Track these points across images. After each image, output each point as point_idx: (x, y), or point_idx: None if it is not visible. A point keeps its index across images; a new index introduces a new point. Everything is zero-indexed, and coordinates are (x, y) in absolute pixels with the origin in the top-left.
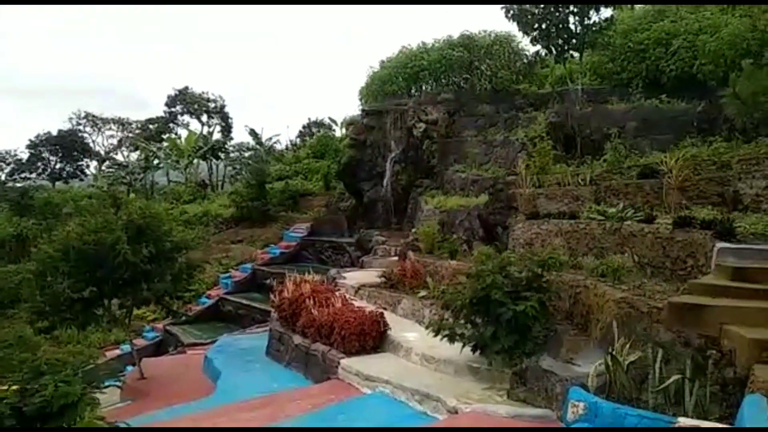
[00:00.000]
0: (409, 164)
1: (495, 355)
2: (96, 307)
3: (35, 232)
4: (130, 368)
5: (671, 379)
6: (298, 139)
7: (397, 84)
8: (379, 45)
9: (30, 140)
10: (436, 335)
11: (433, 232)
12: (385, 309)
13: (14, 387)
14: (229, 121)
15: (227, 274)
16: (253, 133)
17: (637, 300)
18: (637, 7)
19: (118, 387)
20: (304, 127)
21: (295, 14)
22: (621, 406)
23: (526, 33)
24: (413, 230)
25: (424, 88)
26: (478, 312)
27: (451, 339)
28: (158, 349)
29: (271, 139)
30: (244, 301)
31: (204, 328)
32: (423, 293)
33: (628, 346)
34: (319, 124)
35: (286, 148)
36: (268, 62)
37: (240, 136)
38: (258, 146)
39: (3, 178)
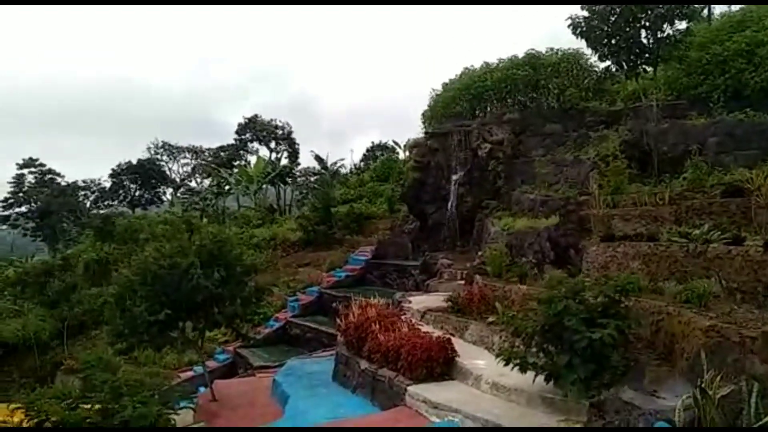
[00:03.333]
0: (474, 186)
1: (570, 386)
2: (171, 330)
3: (116, 257)
4: (202, 389)
5: None
6: (362, 163)
7: (460, 105)
8: (443, 67)
9: (112, 169)
10: (506, 364)
11: (500, 255)
12: (452, 335)
13: (96, 407)
14: (296, 147)
15: (295, 297)
16: (318, 158)
17: (727, 328)
18: (716, 15)
19: (192, 409)
20: (368, 150)
21: (357, 38)
22: None
23: (595, 49)
24: (480, 253)
25: (488, 108)
26: (551, 340)
27: (523, 368)
28: (229, 370)
29: (336, 163)
30: (311, 325)
31: (272, 351)
32: (491, 319)
33: (718, 378)
34: (382, 147)
35: (351, 172)
36: (334, 86)
37: (306, 161)
38: (323, 171)
39: (88, 205)
